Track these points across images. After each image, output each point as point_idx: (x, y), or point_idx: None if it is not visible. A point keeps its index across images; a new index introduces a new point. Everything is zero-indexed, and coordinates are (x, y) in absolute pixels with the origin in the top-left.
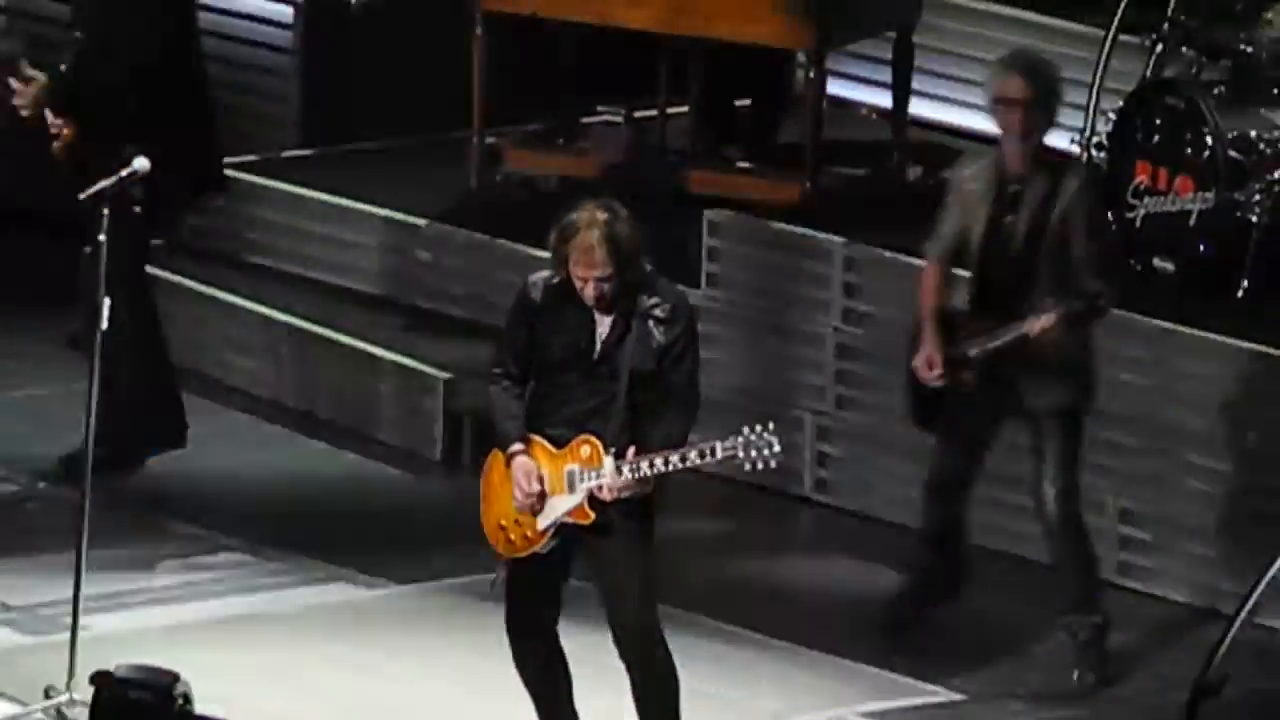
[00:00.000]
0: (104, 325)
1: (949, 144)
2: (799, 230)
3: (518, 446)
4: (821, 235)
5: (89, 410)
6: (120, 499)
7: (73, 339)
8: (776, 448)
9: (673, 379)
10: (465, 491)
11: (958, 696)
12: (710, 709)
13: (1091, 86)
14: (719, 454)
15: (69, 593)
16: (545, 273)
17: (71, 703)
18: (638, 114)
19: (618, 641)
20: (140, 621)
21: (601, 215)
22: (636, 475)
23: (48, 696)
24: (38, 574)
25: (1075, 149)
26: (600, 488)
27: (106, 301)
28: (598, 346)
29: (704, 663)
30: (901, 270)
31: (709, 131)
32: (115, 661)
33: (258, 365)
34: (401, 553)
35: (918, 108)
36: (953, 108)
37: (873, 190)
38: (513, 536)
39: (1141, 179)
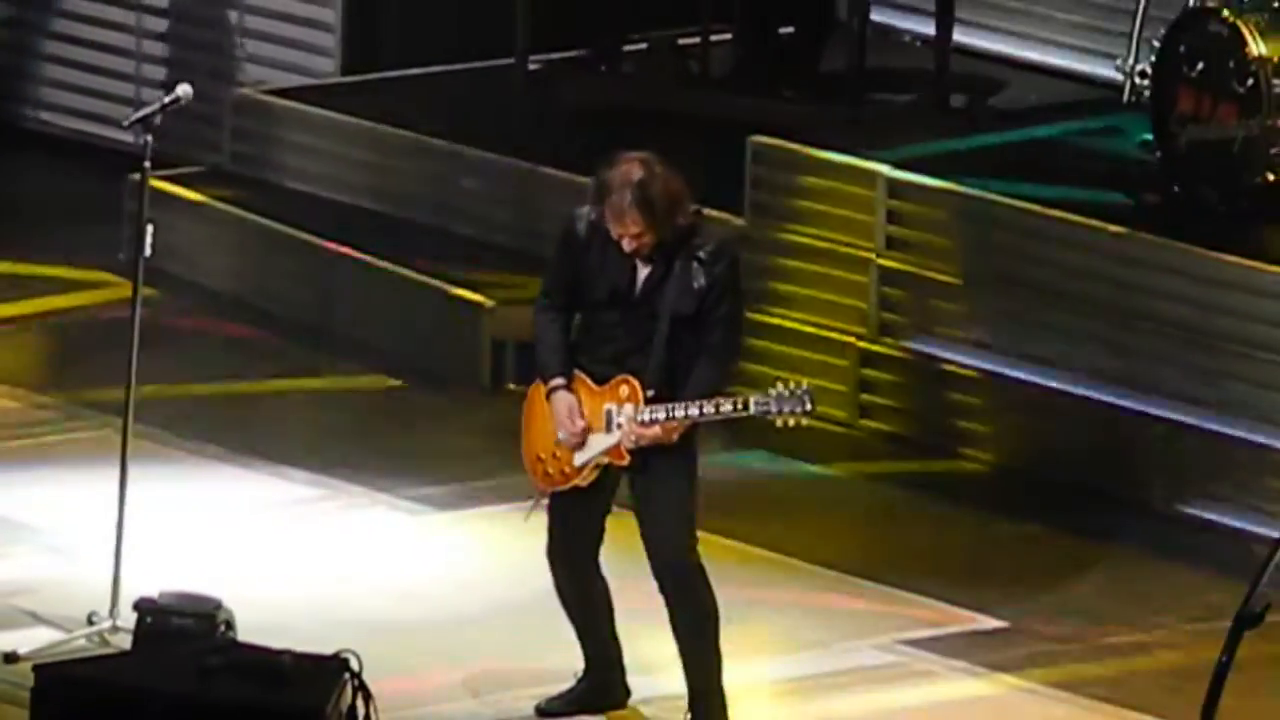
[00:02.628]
0: (148, 251)
1: (993, 72)
2: (842, 158)
3: (559, 380)
4: (865, 163)
5: (133, 333)
6: (164, 424)
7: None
8: (809, 406)
9: (712, 323)
10: (508, 419)
11: (1000, 624)
12: (750, 637)
13: (1135, 15)
14: (751, 408)
15: (112, 519)
16: (590, 208)
17: (114, 629)
18: (680, 41)
19: (656, 575)
20: (183, 547)
21: (635, 175)
22: (660, 422)
23: (90, 623)
24: (80, 500)
25: (1119, 77)
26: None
27: (150, 226)
28: (638, 287)
29: (744, 590)
30: (945, 198)
31: (752, 59)
32: (158, 588)
33: (299, 292)
34: (443, 478)
35: (961, 35)
36: (997, 35)
37: (916, 118)
38: (550, 470)
39: (1185, 107)
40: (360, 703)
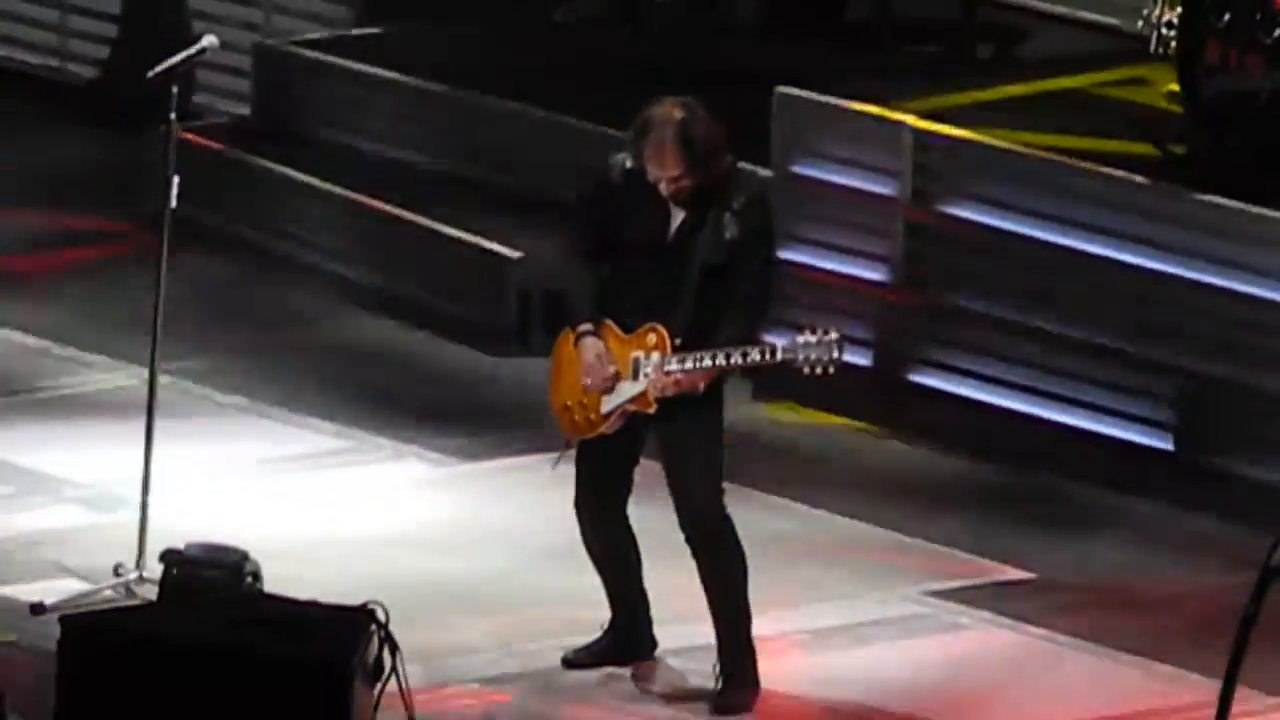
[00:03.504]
0: (173, 203)
1: (1019, 23)
2: (869, 109)
3: (587, 326)
4: (892, 114)
5: (159, 288)
6: (192, 376)
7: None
8: (836, 354)
9: (742, 274)
10: (534, 369)
11: (1027, 575)
12: (775, 587)
13: None
14: (779, 356)
15: (138, 470)
16: (626, 155)
17: (140, 580)
18: None
19: (683, 528)
20: (210, 499)
21: (677, 114)
22: (688, 371)
23: (117, 574)
24: (107, 451)
25: (1145, 28)
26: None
27: (175, 179)
28: (671, 234)
29: (772, 541)
30: (972, 150)
31: (778, 8)
32: (185, 539)
33: (327, 242)
34: (471, 429)
35: None
36: None
37: (943, 67)
38: (577, 417)
39: (1211, 57)
40: (386, 654)
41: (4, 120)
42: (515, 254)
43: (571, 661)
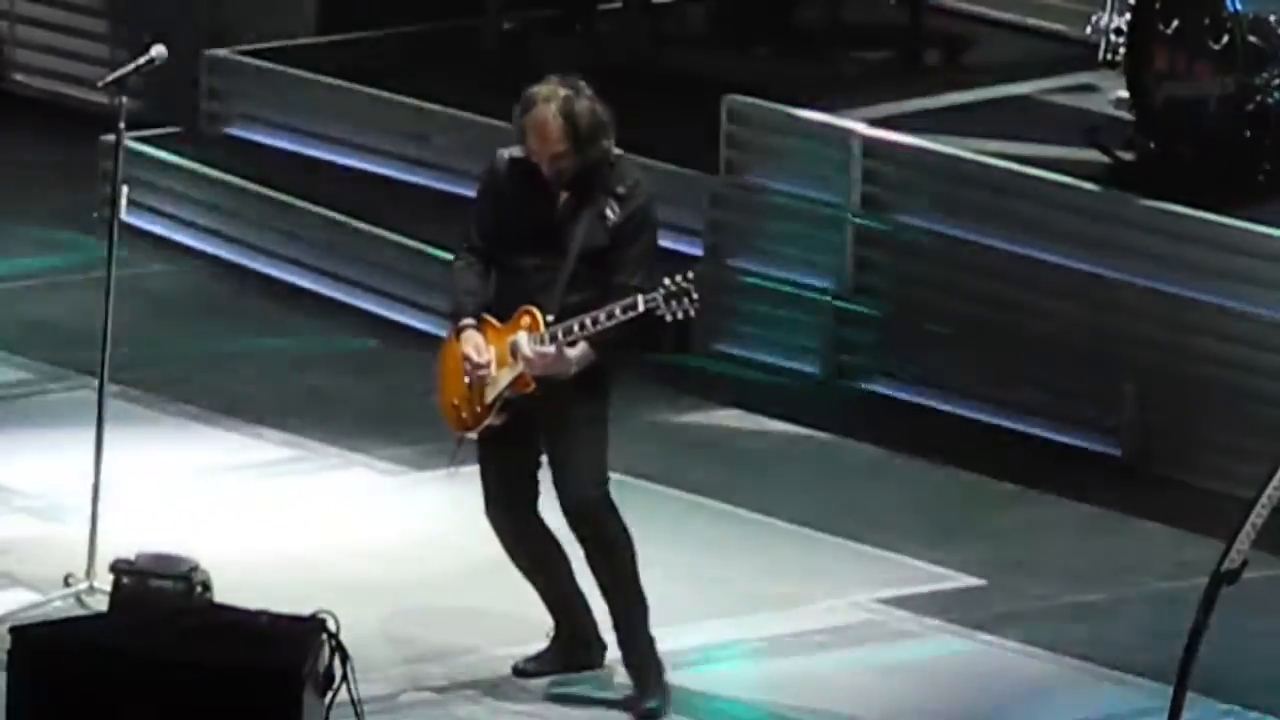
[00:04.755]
0: (122, 212)
1: (968, 30)
2: (818, 116)
3: (467, 322)
4: (840, 121)
5: (107, 294)
6: (140, 384)
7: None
8: (695, 295)
9: (623, 261)
10: None
11: (977, 582)
12: (723, 594)
13: None
14: (641, 306)
15: (88, 481)
16: (514, 147)
17: (91, 590)
18: (654, 0)
19: (566, 514)
20: (159, 509)
21: (562, 91)
22: (558, 341)
23: (67, 584)
24: (57, 462)
25: (1094, 35)
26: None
27: (124, 188)
28: (554, 220)
29: (715, 547)
30: (921, 156)
31: (727, 16)
32: (135, 550)
33: (274, 251)
34: (418, 438)
35: None
36: None
37: (891, 75)
38: (464, 414)
39: (1160, 64)
40: (338, 663)
41: None
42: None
43: (522, 670)
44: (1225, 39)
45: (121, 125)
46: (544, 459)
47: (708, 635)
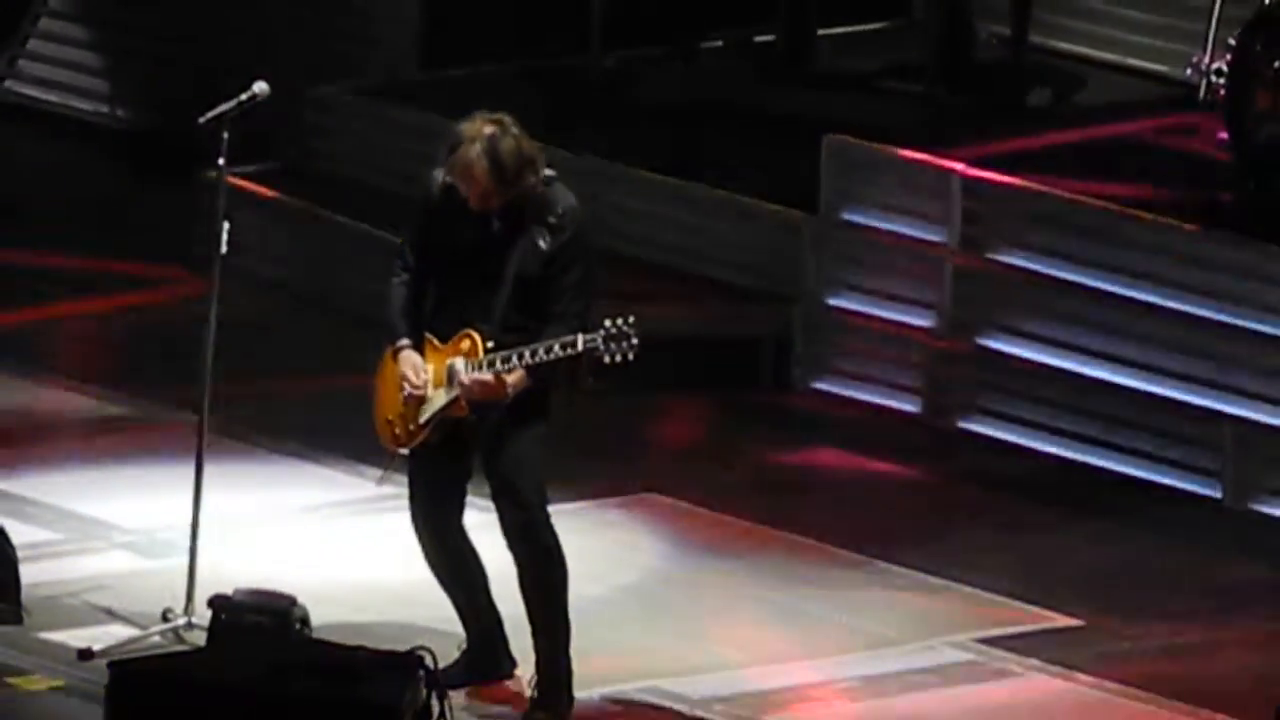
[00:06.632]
0: (223, 249)
1: (1070, 71)
2: (918, 155)
3: (404, 341)
4: (941, 160)
5: (209, 332)
6: (240, 420)
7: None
8: (635, 340)
9: (558, 290)
10: None
11: (1075, 622)
12: (826, 635)
13: (1211, 14)
14: (580, 345)
15: (187, 516)
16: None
17: (189, 626)
18: (756, 38)
19: (505, 533)
20: (258, 545)
21: (487, 130)
22: (494, 371)
23: (165, 619)
24: (156, 497)
25: (1194, 76)
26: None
27: (225, 225)
28: (487, 248)
29: (818, 587)
30: (1021, 196)
31: (828, 55)
32: (233, 585)
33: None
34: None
35: (1039, 35)
36: (1074, 36)
37: (993, 115)
38: (398, 430)
39: (1261, 104)
40: (435, 699)
41: (56, 163)
42: None
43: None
44: None
45: (222, 161)
46: (473, 474)
47: (806, 675)
